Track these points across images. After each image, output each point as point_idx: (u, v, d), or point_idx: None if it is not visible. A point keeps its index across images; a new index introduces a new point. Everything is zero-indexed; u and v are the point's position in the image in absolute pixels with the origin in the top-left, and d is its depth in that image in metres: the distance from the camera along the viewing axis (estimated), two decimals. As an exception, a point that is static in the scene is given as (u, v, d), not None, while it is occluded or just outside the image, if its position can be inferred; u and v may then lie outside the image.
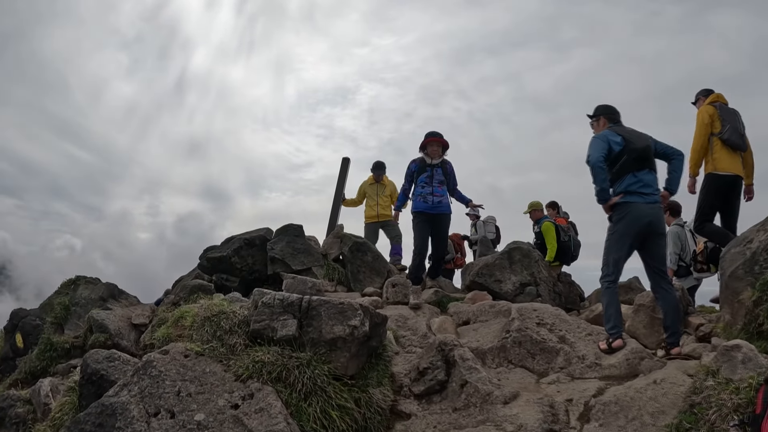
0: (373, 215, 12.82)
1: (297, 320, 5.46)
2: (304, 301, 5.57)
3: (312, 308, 5.52)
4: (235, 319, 5.80)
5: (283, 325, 5.42)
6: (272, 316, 5.51)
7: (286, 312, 5.53)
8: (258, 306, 5.69)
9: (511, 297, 9.62)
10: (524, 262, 10.24)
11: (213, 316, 5.91)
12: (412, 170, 9.65)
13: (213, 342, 5.55)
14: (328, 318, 5.40)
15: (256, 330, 5.53)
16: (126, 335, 9.21)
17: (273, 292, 5.87)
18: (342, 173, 13.90)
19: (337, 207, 13.59)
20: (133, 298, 11.21)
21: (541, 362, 6.68)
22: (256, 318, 5.58)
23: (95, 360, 5.76)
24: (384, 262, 11.25)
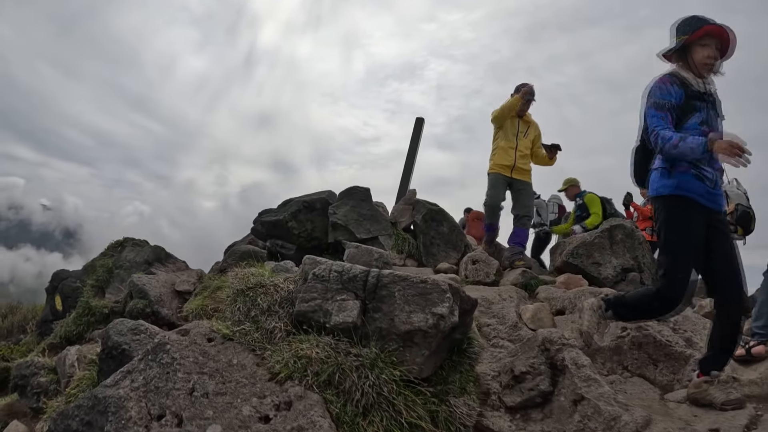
0: (505, 164, 9.12)
1: (360, 302, 4.02)
2: (371, 276, 4.13)
3: (382, 286, 4.06)
4: (275, 296, 4.48)
5: (341, 308, 3.98)
6: (326, 295, 4.10)
7: (345, 289, 4.11)
8: (308, 279, 4.31)
9: (611, 284, 8.18)
10: (627, 243, 8.72)
11: (248, 290, 4.63)
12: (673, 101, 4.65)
13: (246, 324, 4.27)
14: (404, 302, 3.93)
15: (303, 312, 4.12)
16: (167, 302, 8.15)
17: (329, 261, 4.51)
18: (415, 135, 12.64)
19: (409, 171, 12.29)
20: (181, 263, 10.22)
21: (665, 371, 5.33)
22: (303, 296, 4.17)
23: (118, 332, 4.82)
24: (461, 235, 9.87)
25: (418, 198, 10.35)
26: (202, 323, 4.29)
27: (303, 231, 9.57)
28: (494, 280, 7.98)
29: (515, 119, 9.26)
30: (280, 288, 4.57)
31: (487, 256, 8.32)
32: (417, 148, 12.67)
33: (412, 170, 12.30)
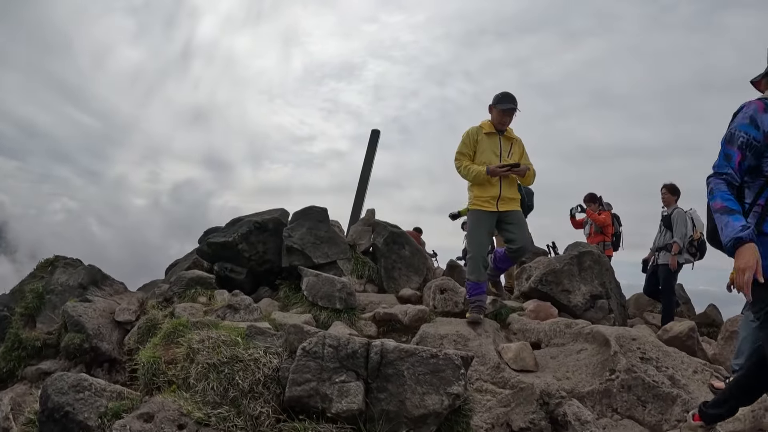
0: (489, 196, 7.17)
1: (363, 382, 3.63)
2: (373, 351, 3.74)
3: (387, 364, 3.67)
4: (257, 373, 4.02)
5: (342, 392, 3.55)
6: (321, 375, 3.66)
7: (344, 368, 3.69)
8: (297, 355, 3.85)
9: (581, 311, 8.05)
10: (595, 270, 8.60)
11: (222, 364, 4.14)
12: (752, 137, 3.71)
13: (224, 406, 3.81)
14: (414, 382, 3.55)
15: (296, 397, 3.68)
16: (107, 336, 7.55)
17: (319, 332, 4.09)
18: (370, 149, 12.15)
19: (364, 187, 11.86)
20: (119, 285, 9.59)
21: (653, 412, 5.26)
22: (295, 377, 3.72)
23: (58, 390, 4.21)
24: (423, 258, 9.53)
25: (378, 219, 9.96)
26: (167, 402, 3.83)
27: (254, 254, 9.13)
28: (463, 309, 7.68)
29: (495, 136, 7.26)
30: (261, 363, 4.10)
31: (455, 284, 8.01)
32: (372, 163, 12.23)
33: (366, 186, 11.88)
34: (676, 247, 9.64)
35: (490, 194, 7.12)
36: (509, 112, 7.20)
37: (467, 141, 7.26)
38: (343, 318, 7.29)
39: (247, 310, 7.08)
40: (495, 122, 7.26)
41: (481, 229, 7.16)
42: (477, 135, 7.28)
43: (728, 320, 8.01)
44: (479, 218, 7.18)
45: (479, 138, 7.26)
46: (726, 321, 8.15)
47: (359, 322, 7.33)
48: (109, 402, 4.25)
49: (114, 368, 7.38)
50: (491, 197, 7.12)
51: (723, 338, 7.50)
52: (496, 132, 7.28)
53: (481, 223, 7.18)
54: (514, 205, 7.30)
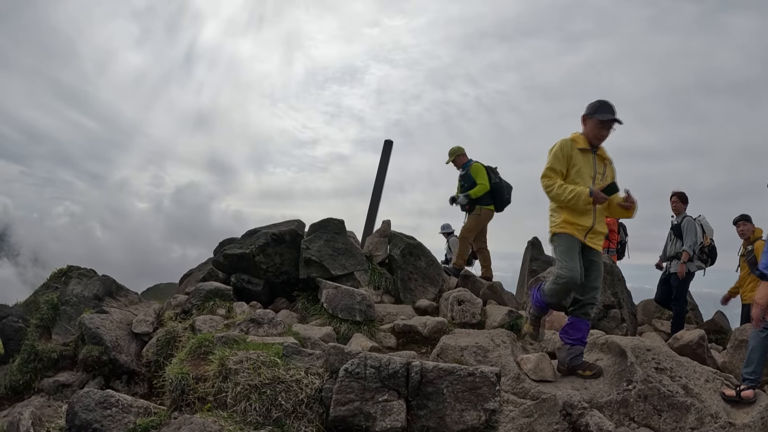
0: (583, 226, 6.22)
1: (404, 400, 3.85)
2: (413, 371, 3.97)
3: (427, 382, 3.90)
4: (300, 394, 4.22)
5: (385, 411, 3.80)
6: (364, 395, 3.89)
7: (385, 388, 3.92)
8: (339, 376, 4.07)
9: (594, 321, 8.11)
10: (607, 280, 8.81)
11: (264, 386, 4.31)
12: None
13: (267, 426, 4.01)
14: (453, 399, 3.79)
15: (341, 417, 3.90)
16: (125, 347, 7.71)
17: (360, 353, 4.27)
18: (384, 159, 12.19)
19: (377, 199, 11.94)
20: (134, 296, 9.75)
21: (668, 421, 5.51)
22: (338, 398, 3.94)
23: (85, 407, 4.35)
24: (439, 269, 9.74)
25: (393, 231, 10.15)
26: (207, 423, 3.98)
27: (271, 265, 9.25)
28: (480, 320, 7.90)
29: (589, 154, 6.23)
30: (304, 384, 4.29)
31: (471, 295, 8.20)
32: (386, 173, 12.30)
33: (380, 197, 11.96)
34: (686, 256, 9.76)
35: (582, 224, 6.14)
36: (609, 124, 6.14)
37: (560, 156, 6.13)
38: (363, 330, 7.44)
39: (270, 324, 7.17)
40: (590, 136, 6.21)
41: (574, 253, 6.09)
42: (571, 150, 6.16)
43: (737, 329, 8.15)
44: (573, 241, 6.15)
45: (573, 153, 6.15)
46: (735, 330, 8.32)
47: (379, 334, 7.49)
48: (137, 418, 4.40)
49: (133, 380, 7.52)
50: (582, 228, 6.15)
51: (732, 347, 7.65)
52: (590, 149, 6.23)
53: (575, 247, 6.15)
54: (599, 242, 6.37)
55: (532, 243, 12.67)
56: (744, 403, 5.77)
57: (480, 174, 11.19)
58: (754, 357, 6.09)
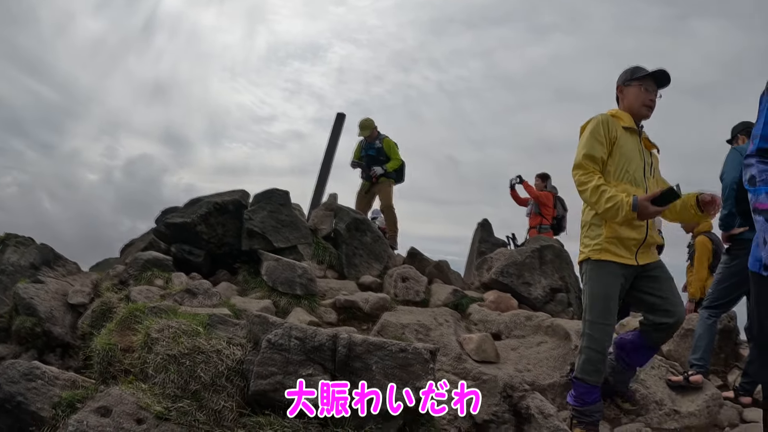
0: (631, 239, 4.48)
1: (329, 376, 3.58)
2: (340, 344, 3.68)
3: (355, 357, 3.62)
4: (220, 366, 3.92)
5: (308, 384, 3.50)
6: (287, 368, 3.60)
7: (310, 361, 3.63)
8: (261, 347, 3.76)
9: (541, 304, 8.10)
10: (556, 263, 8.65)
11: (183, 356, 4.01)
12: None
13: (185, 400, 3.70)
14: (382, 376, 3.51)
15: (261, 391, 3.60)
16: (60, 319, 7.28)
17: (285, 323, 3.97)
18: (335, 132, 12.04)
19: (326, 172, 11.77)
20: (72, 265, 9.27)
21: (612, 407, 5.38)
22: (259, 370, 3.63)
23: (9, 379, 4.02)
24: (385, 246, 9.46)
25: (340, 204, 9.87)
26: (124, 395, 3.68)
27: (213, 236, 8.91)
28: (424, 298, 7.69)
29: (635, 136, 4.65)
30: (224, 355, 4.01)
31: (416, 273, 8.01)
32: (336, 147, 12.13)
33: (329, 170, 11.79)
34: None
35: (630, 236, 4.43)
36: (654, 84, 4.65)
37: (601, 136, 4.45)
38: (303, 304, 7.19)
39: (205, 295, 6.94)
40: (635, 107, 4.64)
41: (610, 292, 4.42)
42: (614, 128, 4.52)
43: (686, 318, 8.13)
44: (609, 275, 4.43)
45: (618, 134, 4.51)
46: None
47: (319, 309, 7.25)
48: (62, 391, 4.12)
49: (67, 353, 7.16)
50: (633, 241, 4.45)
51: (678, 335, 7.55)
52: (636, 129, 4.67)
53: (611, 283, 4.43)
54: (655, 252, 4.77)
55: (482, 225, 12.55)
56: (692, 388, 5.70)
57: (394, 150, 11.56)
58: (701, 344, 6.01)
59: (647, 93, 4.60)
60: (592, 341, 4.41)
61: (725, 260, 6.19)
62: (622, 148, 4.48)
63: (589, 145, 4.43)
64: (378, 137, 11.74)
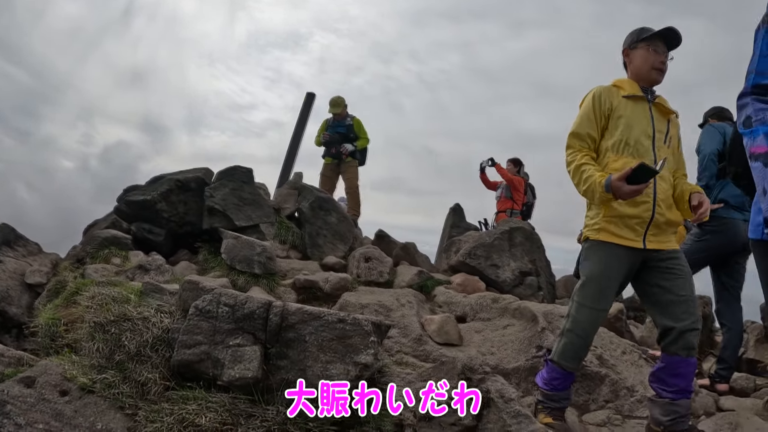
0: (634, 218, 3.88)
1: (261, 346, 3.23)
2: (273, 312, 3.33)
3: (288, 327, 3.27)
4: (146, 334, 3.56)
5: (236, 357, 3.16)
6: (215, 338, 3.25)
7: (240, 330, 3.28)
8: (189, 314, 3.41)
9: (510, 287, 7.77)
10: (526, 246, 8.33)
11: (110, 324, 3.67)
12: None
13: (110, 371, 3.35)
14: (317, 348, 3.16)
15: (186, 362, 3.26)
16: (16, 299, 6.92)
17: (215, 288, 3.62)
18: (304, 111, 11.75)
19: (295, 149, 11.47)
20: (33, 246, 8.88)
21: (580, 392, 5.10)
22: (185, 339, 3.28)
23: None
24: (350, 226, 9.12)
25: (304, 183, 9.52)
26: (51, 365, 3.36)
27: (174, 214, 8.55)
28: (388, 279, 7.38)
29: (642, 103, 4.09)
30: (151, 323, 3.66)
31: (380, 253, 7.68)
32: (305, 126, 11.81)
33: (297, 149, 11.48)
34: None
35: (631, 213, 3.87)
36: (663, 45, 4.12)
37: (591, 111, 4.08)
38: (262, 283, 6.87)
39: (158, 271, 6.65)
40: (644, 71, 4.13)
41: (606, 274, 3.95)
42: (610, 99, 4.09)
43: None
44: (608, 257, 3.95)
45: (615, 104, 4.07)
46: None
47: (279, 289, 6.94)
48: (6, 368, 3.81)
49: (23, 334, 6.89)
50: (636, 220, 3.88)
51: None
52: (644, 96, 4.11)
53: (609, 265, 3.95)
54: (671, 237, 4.09)
55: (454, 209, 12.30)
56: None
57: (363, 129, 11.46)
58: None
59: (656, 54, 4.10)
60: (576, 324, 4.00)
61: (696, 233, 6.10)
62: (622, 118, 4.04)
63: (577, 123, 4.15)
64: (348, 115, 11.50)
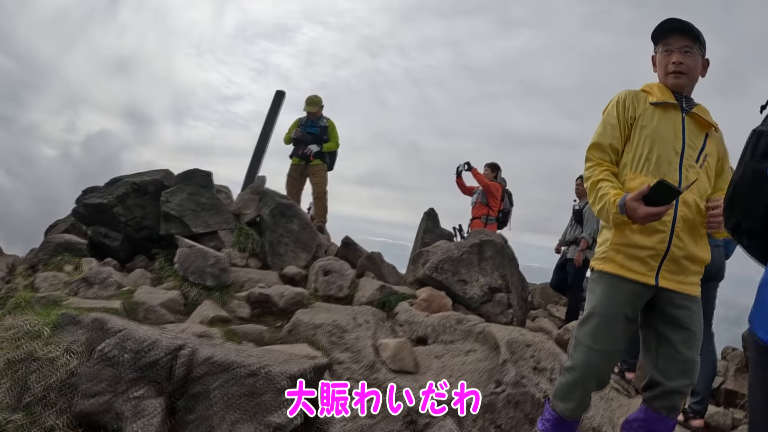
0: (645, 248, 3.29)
1: (166, 398, 2.86)
2: (179, 362, 2.96)
3: (194, 380, 2.91)
4: (52, 377, 3.19)
5: (137, 411, 2.79)
6: (117, 387, 2.88)
7: (143, 379, 2.91)
8: (92, 359, 3.05)
9: (477, 304, 7.38)
10: (496, 260, 7.91)
11: (19, 362, 3.32)
12: None
13: (18, 413, 3.01)
14: (225, 405, 2.78)
15: (86, 413, 2.88)
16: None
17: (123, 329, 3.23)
18: (273, 110, 11.35)
19: (261, 152, 11.08)
20: (-8, 248, 8.71)
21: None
22: (86, 387, 2.92)
23: None
24: (313, 234, 8.73)
25: (266, 188, 9.12)
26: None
27: (131, 218, 8.17)
28: (348, 294, 7.00)
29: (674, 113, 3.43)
30: (59, 365, 3.27)
31: (342, 265, 7.30)
32: (273, 126, 11.44)
33: (264, 151, 11.09)
34: (584, 243, 9.07)
35: (643, 243, 3.30)
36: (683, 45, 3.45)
37: (614, 118, 3.52)
38: (215, 296, 6.52)
39: (102, 285, 6.30)
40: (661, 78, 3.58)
41: (608, 312, 3.36)
42: (635, 105, 3.50)
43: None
44: (613, 292, 3.37)
45: (639, 112, 3.48)
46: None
47: (232, 302, 6.57)
48: None
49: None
50: (648, 252, 3.29)
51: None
52: (677, 104, 3.45)
53: (613, 302, 3.36)
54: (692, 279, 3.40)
55: (428, 214, 11.91)
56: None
57: (335, 132, 11.20)
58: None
59: (668, 55, 3.49)
60: (573, 363, 3.45)
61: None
62: (645, 129, 3.42)
63: (598, 132, 3.59)
64: (322, 116, 11.15)
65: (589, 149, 3.57)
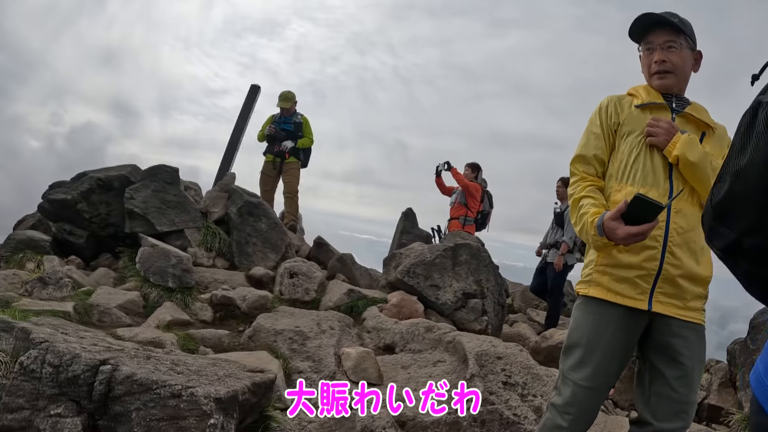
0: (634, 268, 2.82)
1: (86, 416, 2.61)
2: (99, 378, 2.68)
3: (115, 398, 2.63)
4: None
5: (55, 429, 2.54)
6: (37, 403, 2.63)
7: (63, 396, 2.66)
8: (15, 372, 2.79)
9: (450, 310, 7.09)
10: (471, 265, 7.62)
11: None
12: None
13: None
14: (146, 428, 2.53)
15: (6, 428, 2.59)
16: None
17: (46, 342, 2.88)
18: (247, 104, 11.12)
19: (233, 149, 10.82)
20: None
21: None
22: (7, 402, 2.66)
23: None
24: (283, 234, 8.44)
25: (235, 186, 8.82)
26: None
27: (96, 215, 7.88)
28: (315, 298, 6.74)
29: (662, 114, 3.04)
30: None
31: (310, 267, 7.03)
32: (247, 121, 11.19)
33: (237, 147, 10.81)
34: (565, 247, 8.90)
35: (630, 261, 2.86)
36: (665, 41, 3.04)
37: (597, 127, 3.17)
38: (176, 299, 6.27)
39: (56, 286, 6.07)
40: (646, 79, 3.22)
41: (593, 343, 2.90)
42: (617, 112, 3.15)
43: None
44: (598, 319, 2.93)
45: (624, 117, 3.12)
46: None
47: (195, 305, 6.34)
48: None
49: None
50: (637, 271, 2.84)
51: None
52: (666, 104, 3.08)
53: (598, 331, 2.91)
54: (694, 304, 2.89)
55: (406, 214, 11.69)
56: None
57: (309, 128, 11.01)
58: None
59: (650, 54, 3.12)
60: (562, 402, 2.92)
61: None
62: (631, 135, 3.05)
63: (581, 143, 3.21)
64: (296, 113, 10.92)
65: (572, 162, 3.21)
